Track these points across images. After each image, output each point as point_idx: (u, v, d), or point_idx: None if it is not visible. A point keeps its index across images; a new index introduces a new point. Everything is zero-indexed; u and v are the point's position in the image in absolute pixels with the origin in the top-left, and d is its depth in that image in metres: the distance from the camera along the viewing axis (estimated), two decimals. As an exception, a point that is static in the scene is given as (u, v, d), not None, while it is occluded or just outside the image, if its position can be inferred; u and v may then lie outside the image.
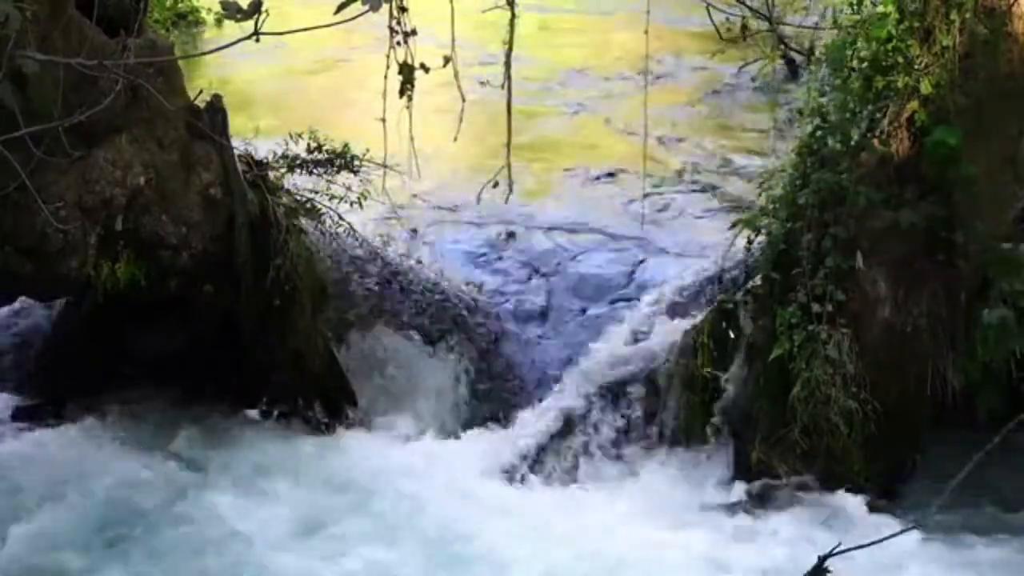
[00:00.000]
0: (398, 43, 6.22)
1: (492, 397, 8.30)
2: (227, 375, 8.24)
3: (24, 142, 5.95)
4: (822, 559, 6.38)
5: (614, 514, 7.44)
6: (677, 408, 7.90)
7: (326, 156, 8.40)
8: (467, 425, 8.23)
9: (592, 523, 7.36)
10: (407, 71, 6.18)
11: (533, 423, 8.08)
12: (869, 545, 6.52)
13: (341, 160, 8.38)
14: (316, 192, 8.43)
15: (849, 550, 6.28)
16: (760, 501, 7.49)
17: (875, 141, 7.34)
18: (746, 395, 7.70)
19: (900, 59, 7.22)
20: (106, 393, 8.37)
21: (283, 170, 8.34)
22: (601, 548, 7.13)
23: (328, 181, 8.42)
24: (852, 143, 7.41)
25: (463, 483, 7.74)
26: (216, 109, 7.96)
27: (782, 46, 12.11)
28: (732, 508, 7.51)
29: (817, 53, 11.60)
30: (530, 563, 7.01)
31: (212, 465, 7.88)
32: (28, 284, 7.65)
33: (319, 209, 8.41)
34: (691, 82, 12.72)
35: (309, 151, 8.40)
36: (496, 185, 6.95)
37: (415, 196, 9.52)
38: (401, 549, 7.13)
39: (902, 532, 6.59)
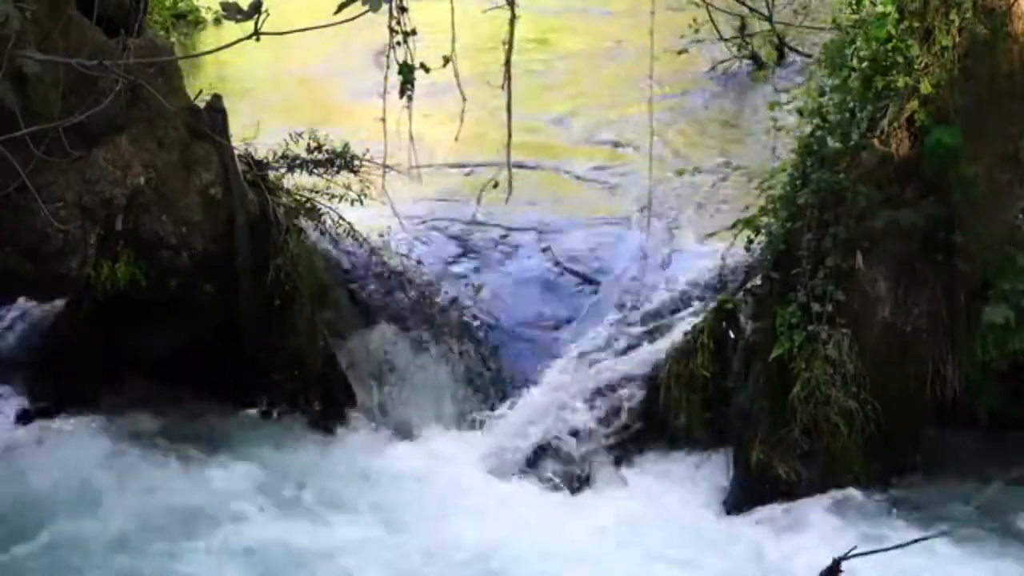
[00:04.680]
0: (398, 43, 6.22)
1: (491, 397, 8.30)
2: (227, 375, 8.24)
3: (24, 142, 5.96)
4: (837, 561, 6.41)
5: (613, 514, 7.44)
6: (677, 408, 7.89)
7: (326, 156, 8.41)
8: (466, 425, 8.23)
9: (591, 523, 7.36)
10: (407, 71, 6.18)
11: (533, 423, 8.07)
12: (885, 550, 6.56)
13: (341, 160, 8.38)
14: (316, 192, 8.43)
15: (864, 554, 6.31)
16: (760, 501, 7.48)
17: (875, 141, 7.34)
18: (746, 395, 7.70)
19: (900, 59, 7.22)
20: (106, 393, 8.37)
21: (283, 170, 8.35)
22: (600, 548, 7.13)
23: (328, 181, 8.43)
24: (852, 143, 7.41)
25: (462, 483, 7.74)
26: (216, 109, 7.97)
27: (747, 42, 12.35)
28: (732, 509, 7.50)
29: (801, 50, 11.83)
30: (529, 563, 7.01)
31: (212, 465, 7.88)
32: (28, 284, 7.66)
33: (319, 209, 8.42)
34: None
35: (309, 151, 8.41)
36: (496, 186, 6.95)
37: (415, 196, 9.52)
38: (400, 549, 7.13)
39: (923, 539, 6.63)
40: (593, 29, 14.71)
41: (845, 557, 6.43)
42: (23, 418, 8.34)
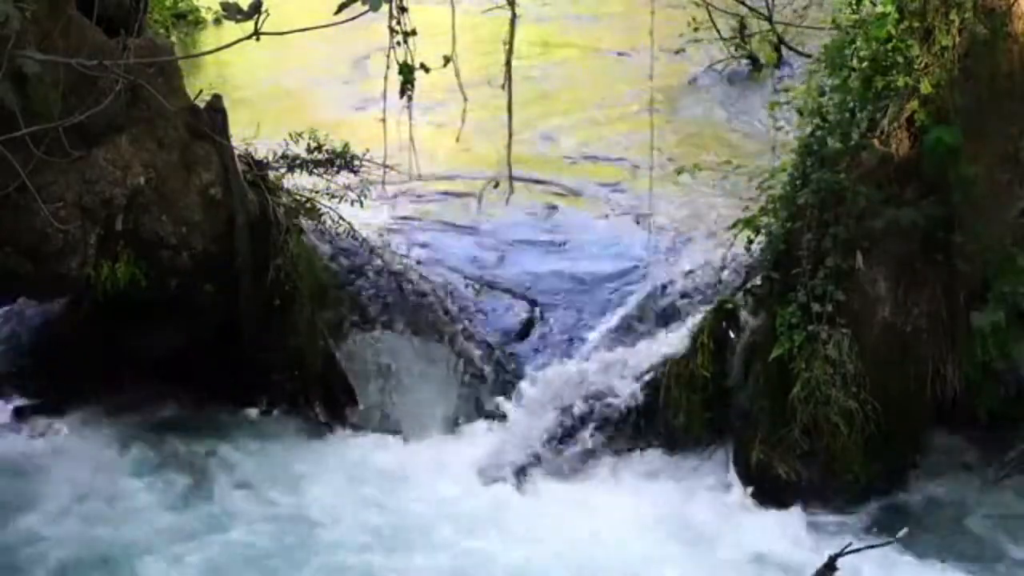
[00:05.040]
0: (398, 43, 6.22)
1: (491, 397, 8.29)
2: (227, 375, 8.24)
3: (24, 142, 5.97)
4: (833, 557, 6.41)
5: (613, 514, 7.44)
6: (677, 408, 7.89)
7: (326, 156, 8.41)
8: (466, 425, 8.23)
9: (591, 523, 7.35)
10: (407, 71, 6.18)
11: (533, 423, 8.07)
12: (880, 546, 6.57)
13: (341, 160, 8.39)
14: (316, 192, 8.43)
15: (859, 550, 6.32)
16: (760, 501, 7.48)
17: (875, 141, 7.34)
18: (746, 395, 7.70)
19: (900, 59, 7.22)
20: (106, 393, 8.37)
21: (283, 170, 8.34)
22: (599, 548, 7.13)
23: (328, 181, 8.43)
24: (852, 143, 7.41)
25: (462, 483, 7.74)
26: (216, 109, 7.97)
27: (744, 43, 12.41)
28: (732, 508, 7.50)
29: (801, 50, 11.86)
30: (529, 563, 7.01)
31: (212, 465, 7.89)
32: (28, 284, 7.65)
33: (319, 209, 8.42)
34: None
35: (309, 151, 8.41)
36: (497, 186, 6.95)
37: (415, 195, 9.53)
38: (400, 549, 7.13)
39: (900, 537, 6.64)
40: (588, 35, 14.70)
41: (841, 554, 6.45)
42: (21, 416, 8.34)
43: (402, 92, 6.22)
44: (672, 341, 8.10)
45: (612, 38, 13.77)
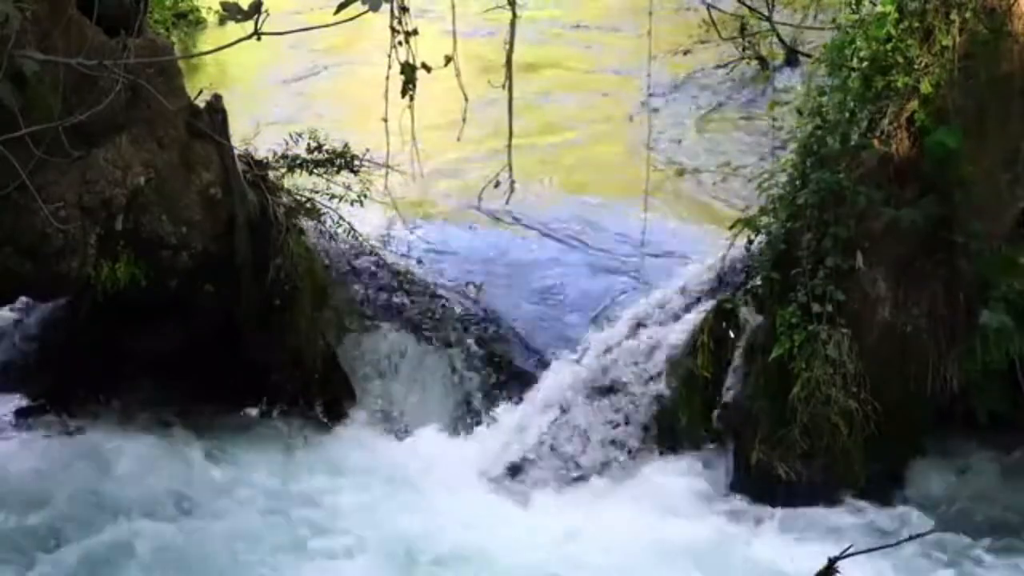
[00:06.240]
0: (399, 43, 6.22)
1: (491, 397, 8.29)
2: (227, 375, 8.24)
3: (24, 142, 5.95)
4: (832, 560, 6.39)
5: (613, 515, 7.44)
6: (677, 408, 7.89)
7: (326, 156, 8.41)
8: (466, 425, 8.24)
9: (591, 523, 7.36)
10: (409, 71, 6.18)
11: (533, 423, 8.07)
12: (879, 549, 6.54)
13: (341, 160, 8.38)
14: (316, 192, 8.43)
15: (859, 553, 6.30)
16: (760, 501, 7.49)
17: (875, 141, 7.34)
18: (746, 395, 7.70)
19: (900, 59, 7.23)
20: (106, 393, 8.37)
21: (283, 170, 8.34)
22: (600, 549, 7.13)
23: (328, 181, 8.43)
24: (852, 143, 7.42)
25: (462, 483, 7.74)
26: (216, 109, 7.97)
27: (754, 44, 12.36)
28: (732, 509, 7.51)
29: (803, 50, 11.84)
30: (529, 564, 7.01)
31: (212, 464, 7.88)
32: (28, 284, 7.65)
33: (319, 209, 8.42)
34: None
35: (309, 151, 8.41)
36: (497, 185, 6.94)
37: (415, 196, 9.52)
38: (400, 549, 7.13)
39: (914, 537, 6.62)
40: (582, 46, 14.60)
41: (840, 557, 6.44)
42: (23, 417, 8.34)
43: (404, 92, 6.22)
44: (672, 341, 8.10)
45: (613, 51, 13.67)
